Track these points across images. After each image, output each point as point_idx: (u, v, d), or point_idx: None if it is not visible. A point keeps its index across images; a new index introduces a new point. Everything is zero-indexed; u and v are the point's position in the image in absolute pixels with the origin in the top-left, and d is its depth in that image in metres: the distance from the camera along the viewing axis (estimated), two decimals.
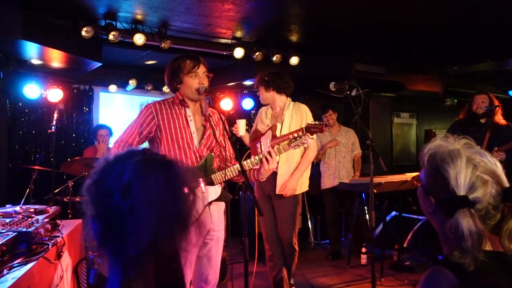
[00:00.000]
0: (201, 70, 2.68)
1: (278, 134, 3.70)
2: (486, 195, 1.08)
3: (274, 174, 3.73)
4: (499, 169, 1.11)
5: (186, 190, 0.98)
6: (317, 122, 2.89)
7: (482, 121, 4.42)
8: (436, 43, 5.61)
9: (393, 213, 6.05)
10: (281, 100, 3.84)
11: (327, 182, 5.45)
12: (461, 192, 1.07)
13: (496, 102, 4.45)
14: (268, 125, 3.84)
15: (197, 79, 2.66)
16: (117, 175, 0.94)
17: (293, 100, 3.99)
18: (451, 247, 1.09)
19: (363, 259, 5.15)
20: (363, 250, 5.17)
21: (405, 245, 5.52)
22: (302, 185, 3.85)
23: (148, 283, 0.91)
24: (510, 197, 1.08)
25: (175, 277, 0.94)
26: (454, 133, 4.23)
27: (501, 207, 1.09)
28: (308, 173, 3.95)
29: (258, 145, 3.80)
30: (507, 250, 1.08)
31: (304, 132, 3.17)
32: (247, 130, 4.04)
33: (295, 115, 3.81)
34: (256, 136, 3.90)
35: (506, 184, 1.10)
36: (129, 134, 2.65)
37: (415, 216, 5.83)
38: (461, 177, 1.08)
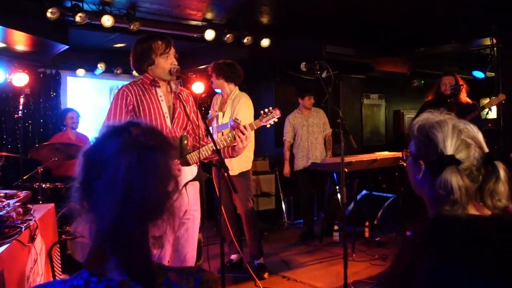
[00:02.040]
0: (172, 50, 2.66)
1: (220, 122, 4.10)
2: (470, 156, 1.22)
3: None
4: (480, 137, 1.26)
5: (162, 178, 0.98)
6: (237, 118, 2.94)
7: (448, 100, 4.60)
8: (404, 25, 5.72)
9: (364, 191, 6.23)
10: (229, 88, 4.19)
11: (300, 163, 5.53)
12: (449, 152, 1.21)
13: (461, 82, 4.64)
14: (216, 111, 4.25)
15: (169, 60, 2.63)
16: (100, 150, 0.96)
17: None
18: (441, 204, 1.20)
19: (335, 236, 5.29)
20: (335, 228, 5.30)
21: (375, 222, 5.70)
22: (247, 164, 4.22)
23: (115, 261, 0.93)
24: (490, 160, 1.24)
25: (142, 261, 0.95)
26: (421, 113, 4.32)
27: (482, 171, 1.23)
28: (251, 154, 4.29)
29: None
30: (489, 208, 1.22)
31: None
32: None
33: (232, 106, 4.13)
34: (210, 122, 4.25)
35: (486, 150, 1.26)
36: (116, 118, 2.55)
37: (385, 194, 6.02)
38: (448, 140, 1.22)
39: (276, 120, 2.91)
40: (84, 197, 0.96)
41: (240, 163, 4.13)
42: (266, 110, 2.89)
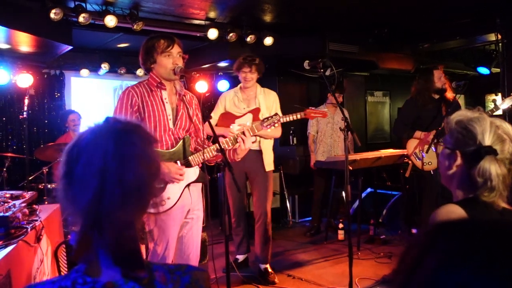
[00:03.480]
0: (175, 50, 2.65)
1: (260, 117, 3.82)
2: (504, 150, 1.32)
3: (255, 152, 3.96)
4: None
5: (141, 161, 0.97)
6: (313, 108, 3.04)
7: (436, 96, 4.48)
8: (407, 21, 5.69)
9: (369, 189, 6.21)
10: (256, 84, 4.12)
11: (320, 158, 5.50)
12: (487, 144, 1.31)
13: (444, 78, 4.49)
14: (244, 108, 4.02)
15: (171, 59, 2.63)
16: (78, 141, 0.98)
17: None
18: (478, 191, 1.31)
19: (340, 234, 5.28)
20: (340, 226, 5.30)
21: (380, 220, 5.69)
22: (273, 163, 4.16)
23: (103, 249, 0.94)
24: None
25: (129, 246, 0.95)
26: (412, 112, 4.25)
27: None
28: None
29: (233, 126, 3.87)
30: None
31: (303, 116, 3.32)
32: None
33: (266, 100, 4.05)
34: (228, 118, 4.04)
35: None
36: (122, 115, 2.59)
37: (390, 192, 6.00)
38: (486, 133, 1.32)
39: (277, 125, 2.97)
40: (66, 187, 0.96)
41: (272, 159, 4.14)
42: (268, 115, 2.97)
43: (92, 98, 6.73)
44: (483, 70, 6.13)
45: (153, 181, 1.00)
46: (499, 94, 5.69)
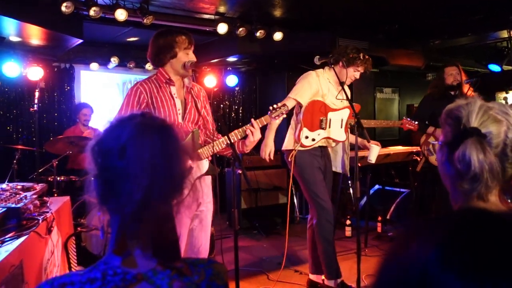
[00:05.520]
0: (192, 47, 2.71)
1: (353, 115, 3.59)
2: (500, 133, 1.03)
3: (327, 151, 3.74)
4: None
5: (181, 155, 1.02)
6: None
7: (452, 93, 4.47)
8: (418, 17, 5.64)
9: (376, 186, 6.19)
10: None
11: None
12: (472, 125, 1.05)
13: (464, 74, 4.49)
14: (342, 101, 3.66)
15: (189, 55, 2.68)
16: (116, 136, 0.98)
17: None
18: (461, 182, 1.04)
19: (348, 231, 5.28)
20: (348, 222, 5.29)
21: (388, 217, 5.67)
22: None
23: (142, 242, 0.96)
24: None
25: (170, 237, 0.99)
26: (427, 108, 4.27)
27: None
28: None
29: (325, 120, 3.56)
30: None
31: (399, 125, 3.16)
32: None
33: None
34: (320, 110, 3.58)
35: None
36: (128, 111, 2.60)
37: (398, 189, 5.98)
38: (473, 115, 1.05)
39: (285, 115, 2.86)
40: (103, 186, 0.97)
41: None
42: (275, 105, 2.83)
43: (101, 92, 6.77)
44: (495, 67, 6.08)
45: (189, 173, 1.05)
46: (510, 92, 5.64)
